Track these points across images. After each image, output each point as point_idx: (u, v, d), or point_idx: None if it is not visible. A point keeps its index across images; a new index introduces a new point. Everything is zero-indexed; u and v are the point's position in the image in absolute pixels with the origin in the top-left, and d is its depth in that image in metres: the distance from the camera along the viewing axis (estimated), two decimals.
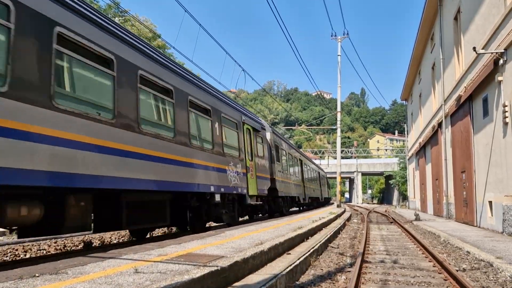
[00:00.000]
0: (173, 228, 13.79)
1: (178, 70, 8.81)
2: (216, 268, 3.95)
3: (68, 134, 5.27)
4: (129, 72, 6.77)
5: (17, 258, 8.29)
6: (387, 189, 71.38)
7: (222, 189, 10.23)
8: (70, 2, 5.70)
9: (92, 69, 6.04)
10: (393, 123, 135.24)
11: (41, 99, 4.95)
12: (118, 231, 12.50)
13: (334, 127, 30.22)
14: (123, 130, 6.41)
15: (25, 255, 8.71)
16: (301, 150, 36.95)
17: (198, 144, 9.21)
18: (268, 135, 15.06)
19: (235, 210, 11.61)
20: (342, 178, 44.89)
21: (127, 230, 10.78)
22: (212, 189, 9.57)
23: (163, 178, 7.52)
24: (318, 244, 7.82)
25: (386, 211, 31.07)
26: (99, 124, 5.86)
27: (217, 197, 9.92)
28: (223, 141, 10.66)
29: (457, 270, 6.13)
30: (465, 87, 14.44)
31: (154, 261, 4.39)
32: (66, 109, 5.32)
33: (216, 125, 10.35)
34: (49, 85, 5.14)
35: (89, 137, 5.62)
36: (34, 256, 8.53)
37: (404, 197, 50.46)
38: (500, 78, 11.00)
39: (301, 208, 27.40)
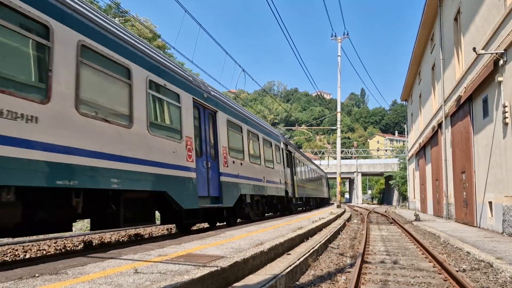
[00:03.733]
0: (172, 228, 13.82)
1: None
2: (216, 268, 3.95)
3: None
4: None
5: (17, 258, 8.28)
6: (387, 189, 71.36)
7: None
8: None
9: None
10: (393, 123, 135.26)
11: None
12: (118, 231, 12.50)
13: (334, 127, 30.22)
14: None
15: (25, 255, 8.70)
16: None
17: None
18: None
19: None
20: (342, 178, 44.69)
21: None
22: None
23: None
24: (318, 245, 7.82)
25: (386, 211, 31.06)
26: None
27: None
28: None
29: (457, 271, 6.13)
30: (465, 87, 14.44)
31: (154, 262, 4.38)
32: None
33: None
34: None
35: None
36: (34, 256, 8.52)
37: (404, 197, 50.46)
38: (500, 79, 11.00)
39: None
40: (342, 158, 59.07)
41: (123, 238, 11.65)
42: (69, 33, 5.89)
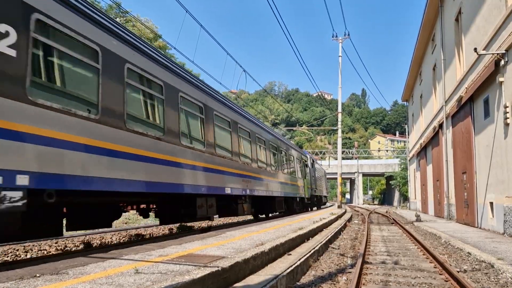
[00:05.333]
0: (173, 228, 13.83)
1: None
2: (216, 268, 3.95)
3: None
4: None
5: (18, 259, 8.29)
6: (388, 190, 71.31)
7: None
8: None
9: None
10: (394, 124, 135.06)
11: None
12: (119, 232, 12.51)
13: (335, 128, 30.20)
14: None
15: (26, 255, 8.72)
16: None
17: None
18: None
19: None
20: (343, 179, 44.55)
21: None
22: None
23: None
24: (319, 245, 7.82)
25: (387, 212, 31.03)
26: None
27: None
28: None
29: (458, 271, 6.12)
30: (466, 88, 14.43)
31: (155, 262, 4.39)
32: None
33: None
34: None
35: None
36: (35, 256, 8.53)
37: (405, 198, 50.40)
38: (501, 79, 10.98)
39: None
40: (343, 158, 59.07)
41: (124, 238, 11.65)
42: None
